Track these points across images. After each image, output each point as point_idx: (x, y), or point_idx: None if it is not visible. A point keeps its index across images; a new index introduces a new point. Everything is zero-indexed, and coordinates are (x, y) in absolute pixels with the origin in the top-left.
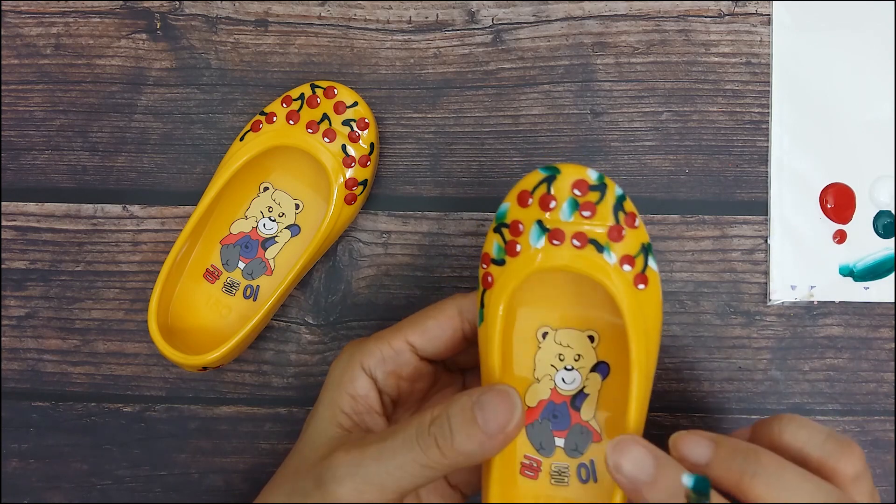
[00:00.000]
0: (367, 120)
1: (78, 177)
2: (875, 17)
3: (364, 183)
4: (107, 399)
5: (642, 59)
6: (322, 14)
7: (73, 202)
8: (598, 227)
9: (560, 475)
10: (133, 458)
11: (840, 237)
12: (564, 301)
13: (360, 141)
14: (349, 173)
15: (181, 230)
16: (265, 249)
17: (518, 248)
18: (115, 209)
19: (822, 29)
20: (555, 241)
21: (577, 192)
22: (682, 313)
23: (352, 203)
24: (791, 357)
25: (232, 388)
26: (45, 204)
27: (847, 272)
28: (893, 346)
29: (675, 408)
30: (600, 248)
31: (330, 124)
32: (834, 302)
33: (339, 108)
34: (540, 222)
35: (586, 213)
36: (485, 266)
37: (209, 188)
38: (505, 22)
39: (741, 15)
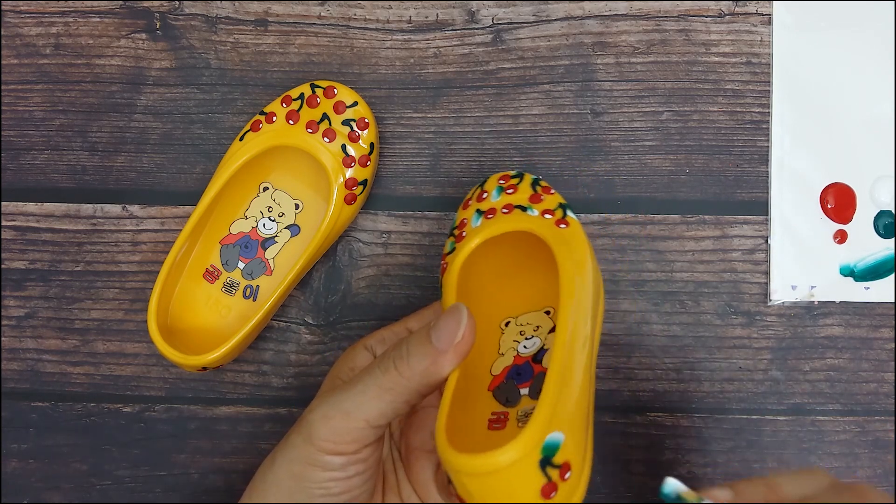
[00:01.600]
0: (366, 120)
1: (77, 177)
2: (875, 16)
3: (364, 183)
4: (106, 399)
5: (642, 59)
6: (322, 14)
7: (73, 202)
8: (520, 197)
9: (525, 418)
10: (133, 459)
11: (841, 237)
12: (518, 289)
13: (360, 141)
14: (349, 173)
15: (181, 230)
16: (265, 249)
17: (464, 234)
18: (115, 209)
19: (823, 29)
20: (489, 216)
21: (501, 181)
22: (683, 313)
23: (352, 203)
24: (791, 357)
25: (231, 389)
26: (45, 204)
27: (848, 272)
28: (894, 346)
29: (675, 408)
30: (524, 208)
31: (330, 124)
32: (834, 302)
33: (339, 107)
34: (478, 210)
35: (510, 191)
36: (443, 261)
37: (209, 188)
38: (505, 22)
39: (741, 15)
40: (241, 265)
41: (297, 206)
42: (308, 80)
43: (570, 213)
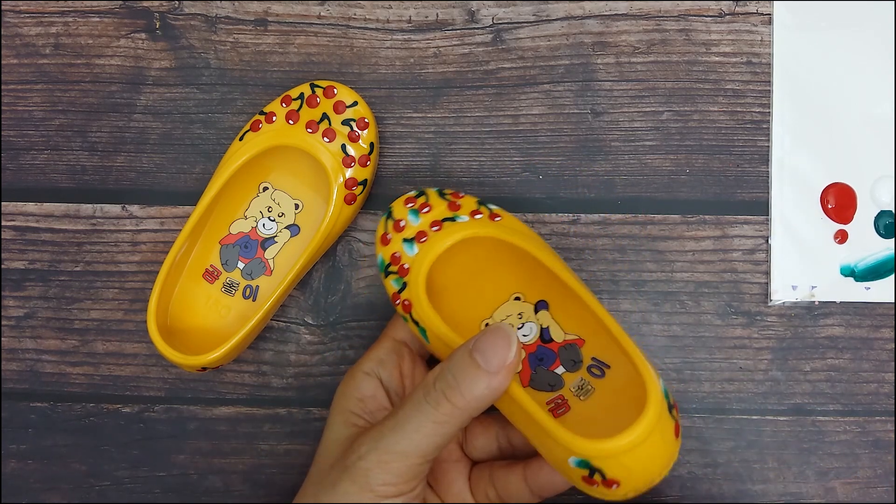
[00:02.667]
0: (366, 119)
1: (77, 177)
2: (875, 16)
3: (364, 183)
4: (106, 399)
5: (643, 59)
6: (322, 13)
7: (73, 202)
8: (439, 212)
9: (582, 388)
10: (132, 459)
11: (841, 237)
12: (474, 292)
13: (360, 141)
14: (349, 173)
15: (180, 230)
16: (264, 249)
17: (406, 266)
18: (115, 209)
19: (823, 28)
20: (422, 240)
21: (409, 205)
22: (683, 313)
23: (351, 203)
24: (792, 357)
25: (231, 389)
26: (45, 204)
27: (848, 272)
28: (894, 346)
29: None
30: (451, 218)
31: (329, 124)
32: (835, 302)
33: (339, 107)
34: (405, 240)
35: (425, 210)
36: (398, 302)
37: (208, 188)
38: (505, 21)
39: (742, 14)
40: (240, 265)
41: (296, 206)
42: (308, 80)
43: (492, 207)
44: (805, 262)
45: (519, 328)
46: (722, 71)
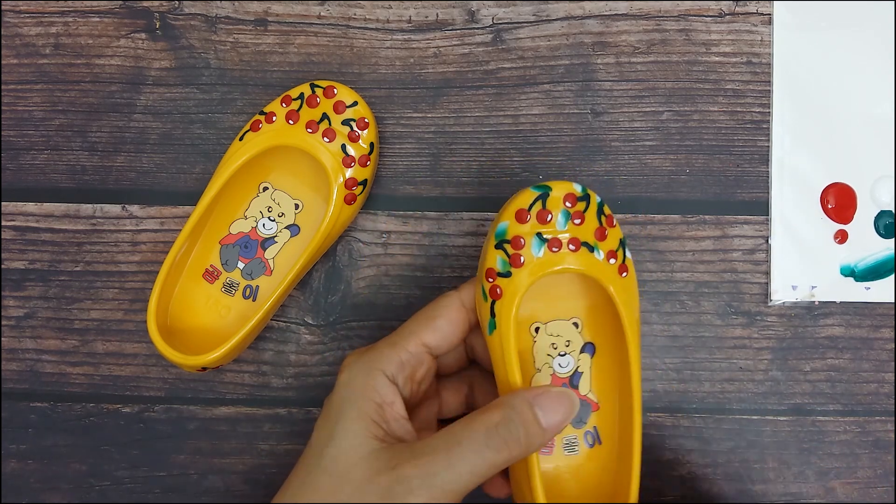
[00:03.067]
0: (366, 119)
1: (77, 177)
2: (875, 16)
3: (364, 183)
4: (106, 399)
5: (643, 59)
6: (322, 13)
7: (73, 202)
8: (587, 231)
9: (571, 445)
10: (132, 459)
11: (841, 237)
12: (547, 297)
13: (360, 141)
14: (349, 173)
15: (180, 230)
16: (264, 249)
17: (522, 259)
18: (115, 209)
19: (823, 28)
20: (553, 249)
21: (567, 204)
22: (683, 313)
23: (351, 203)
24: (792, 357)
25: (231, 389)
26: (45, 204)
27: (848, 272)
28: (894, 346)
29: (676, 408)
30: (591, 248)
31: (329, 124)
32: (835, 302)
33: (339, 107)
34: (539, 234)
35: (577, 221)
36: (491, 280)
37: (208, 188)
38: (505, 21)
39: (742, 14)
40: (240, 265)
41: (296, 206)
42: (308, 80)
43: (627, 254)
44: (805, 262)
45: (560, 354)
46: (722, 71)
